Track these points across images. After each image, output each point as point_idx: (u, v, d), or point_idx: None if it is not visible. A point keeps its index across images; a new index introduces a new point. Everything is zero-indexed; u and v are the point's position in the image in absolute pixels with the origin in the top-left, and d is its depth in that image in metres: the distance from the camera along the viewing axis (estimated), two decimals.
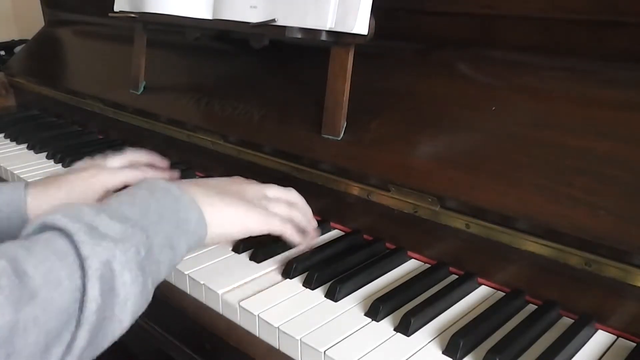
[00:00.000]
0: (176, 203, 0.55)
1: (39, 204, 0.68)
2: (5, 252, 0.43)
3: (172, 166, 1.06)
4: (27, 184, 0.70)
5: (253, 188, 0.68)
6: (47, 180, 0.72)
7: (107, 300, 0.44)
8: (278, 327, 0.58)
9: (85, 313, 0.43)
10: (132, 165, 0.81)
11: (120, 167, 0.80)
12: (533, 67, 0.68)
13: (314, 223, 0.74)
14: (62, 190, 0.71)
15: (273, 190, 0.70)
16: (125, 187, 0.75)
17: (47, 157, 1.13)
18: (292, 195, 0.72)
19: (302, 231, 0.69)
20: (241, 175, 0.92)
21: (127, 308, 0.46)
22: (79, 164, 0.79)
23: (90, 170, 0.75)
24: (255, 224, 0.63)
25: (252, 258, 0.72)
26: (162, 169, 0.85)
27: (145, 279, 0.48)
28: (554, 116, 0.63)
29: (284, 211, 0.68)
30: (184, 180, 0.65)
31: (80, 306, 0.43)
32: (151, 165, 0.83)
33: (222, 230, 0.60)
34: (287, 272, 0.68)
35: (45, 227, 0.47)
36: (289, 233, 0.66)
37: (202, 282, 0.66)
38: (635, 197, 0.54)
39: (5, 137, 1.28)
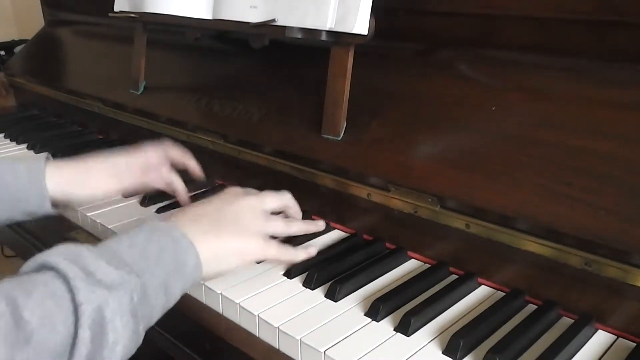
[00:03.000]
0: (175, 247, 0.56)
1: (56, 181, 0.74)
2: (5, 292, 0.44)
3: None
4: (47, 162, 0.76)
5: (250, 206, 0.65)
6: (65, 161, 0.78)
7: (97, 345, 0.46)
8: (278, 327, 0.58)
9: (75, 358, 0.45)
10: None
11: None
12: (533, 67, 0.68)
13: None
14: (80, 169, 0.78)
15: (270, 201, 0.68)
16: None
17: None
18: (286, 199, 0.72)
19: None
20: (241, 175, 0.92)
21: (117, 352, 0.47)
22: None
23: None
24: (252, 256, 0.63)
25: None
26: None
27: (137, 324, 0.50)
28: (554, 116, 0.63)
29: (281, 229, 0.67)
30: (180, 211, 0.65)
31: (71, 350, 0.45)
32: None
33: (218, 268, 0.60)
34: (287, 272, 0.68)
35: (45, 266, 0.49)
36: (284, 260, 0.66)
37: (202, 282, 0.66)
38: (635, 197, 0.54)
39: (5, 137, 1.28)
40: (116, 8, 1.07)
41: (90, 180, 0.78)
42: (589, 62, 0.64)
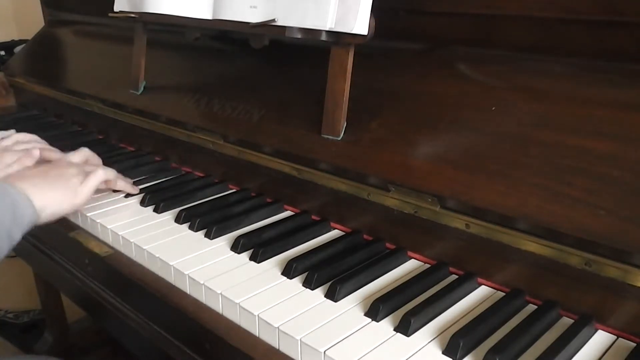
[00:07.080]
0: (14, 202, 0.68)
1: None
2: None
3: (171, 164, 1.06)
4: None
5: (69, 167, 0.82)
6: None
7: None
8: (278, 327, 0.58)
9: None
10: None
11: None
12: (533, 67, 0.68)
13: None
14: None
15: (76, 158, 0.88)
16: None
17: None
18: (86, 153, 0.90)
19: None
20: (241, 175, 0.92)
21: None
22: None
23: None
24: (78, 198, 0.79)
25: (252, 258, 0.72)
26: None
27: None
28: (554, 116, 0.63)
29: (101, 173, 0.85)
30: (15, 173, 0.79)
31: None
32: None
33: (54, 210, 0.74)
34: (287, 272, 0.68)
35: None
36: (109, 180, 0.86)
37: (202, 282, 0.66)
38: (635, 197, 0.54)
39: None
40: (116, 8, 1.07)
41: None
42: (589, 62, 0.64)
